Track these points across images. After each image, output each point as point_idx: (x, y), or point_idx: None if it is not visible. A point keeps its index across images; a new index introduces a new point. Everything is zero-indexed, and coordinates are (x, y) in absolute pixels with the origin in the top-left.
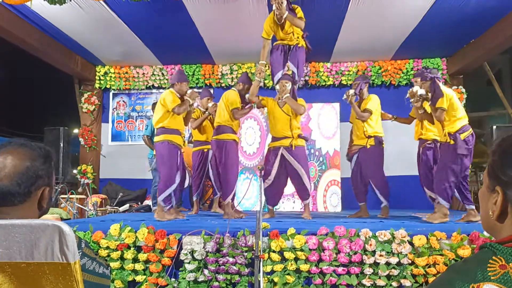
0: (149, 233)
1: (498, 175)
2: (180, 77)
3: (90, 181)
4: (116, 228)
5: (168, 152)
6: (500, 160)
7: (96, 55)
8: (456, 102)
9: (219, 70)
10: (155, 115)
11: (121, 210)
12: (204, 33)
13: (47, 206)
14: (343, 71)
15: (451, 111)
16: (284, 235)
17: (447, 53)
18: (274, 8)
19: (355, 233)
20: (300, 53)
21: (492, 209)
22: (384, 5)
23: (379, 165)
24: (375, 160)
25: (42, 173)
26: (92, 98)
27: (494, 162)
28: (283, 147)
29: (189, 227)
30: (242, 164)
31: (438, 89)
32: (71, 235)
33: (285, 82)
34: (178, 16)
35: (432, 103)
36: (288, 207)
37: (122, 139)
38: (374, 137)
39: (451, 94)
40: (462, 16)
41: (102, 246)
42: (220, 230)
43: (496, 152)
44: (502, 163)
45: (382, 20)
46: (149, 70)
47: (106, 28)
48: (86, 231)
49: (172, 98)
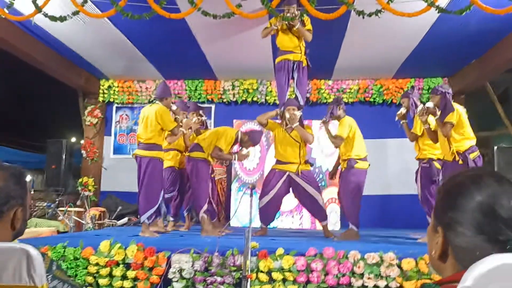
0: (138, 250)
1: (440, 215)
2: (167, 91)
3: (91, 194)
4: (106, 244)
5: (159, 170)
6: (442, 200)
7: (100, 69)
8: (465, 120)
9: (221, 85)
10: (145, 129)
11: (119, 224)
12: (206, 49)
13: (21, 227)
14: (344, 89)
15: (459, 128)
16: (272, 255)
17: (448, 72)
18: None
19: (344, 255)
20: (304, 77)
21: (435, 249)
22: (383, 24)
23: (347, 189)
24: (344, 183)
25: (14, 193)
26: (95, 111)
27: (438, 202)
28: (290, 172)
29: (179, 245)
30: (242, 179)
31: (449, 103)
32: (38, 259)
33: (293, 109)
34: (180, 32)
35: (441, 117)
36: (287, 224)
37: (124, 152)
38: (347, 160)
39: (461, 111)
40: (463, 37)
41: (91, 262)
42: (209, 249)
43: (440, 192)
44: (444, 204)
45: (382, 39)
46: (152, 84)
47: (110, 43)
48: (76, 246)
49: (170, 118)
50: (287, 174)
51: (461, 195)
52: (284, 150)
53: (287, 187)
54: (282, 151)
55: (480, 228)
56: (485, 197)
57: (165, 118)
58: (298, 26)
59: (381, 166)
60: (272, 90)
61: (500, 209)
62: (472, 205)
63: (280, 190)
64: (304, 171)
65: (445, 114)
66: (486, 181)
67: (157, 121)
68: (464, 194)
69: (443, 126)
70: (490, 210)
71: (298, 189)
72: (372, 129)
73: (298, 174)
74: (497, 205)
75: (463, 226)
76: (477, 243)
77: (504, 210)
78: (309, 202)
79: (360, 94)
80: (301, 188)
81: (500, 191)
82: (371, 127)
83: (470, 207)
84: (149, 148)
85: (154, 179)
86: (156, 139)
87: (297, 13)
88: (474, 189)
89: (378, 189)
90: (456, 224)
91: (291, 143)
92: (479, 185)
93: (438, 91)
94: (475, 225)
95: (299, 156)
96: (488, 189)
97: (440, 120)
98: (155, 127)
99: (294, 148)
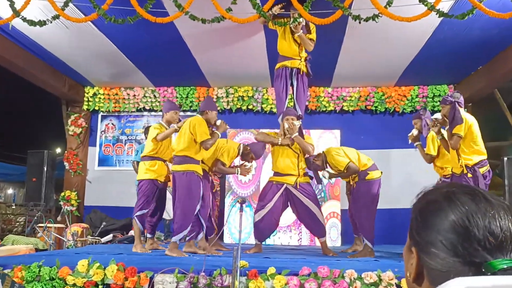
0: (118, 270)
1: (414, 235)
2: (211, 105)
3: (74, 209)
4: (84, 264)
5: (192, 183)
6: (416, 219)
7: (84, 76)
8: (476, 132)
9: (214, 93)
10: (179, 140)
11: (103, 241)
12: (197, 55)
13: None
14: (344, 96)
15: (469, 140)
16: (263, 275)
17: (454, 80)
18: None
19: (340, 274)
20: (303, 85)
21: (410, 271)
22: (382, 29)
23: (360, 203)
24: (357, 197)
25: None
26: (79, 120)
27: (411, 220)
28: (288, 185)
29: (163, 264)
30: (236, 193)
31: (458, 114)
32: None
33: (292, 119)
34: (170, 37)
35: (449, 128)
36: (284, 240)
37: (110, 164)
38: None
39: (472, 122)
40: (467, 43)
41: (68, 283)
42: (195, 268)
43: (413, 210)
44: (417, 223)
45: (382, 45)
46: (140, 92)
47: (96, 49)
48: (53, 266)
49: (205, 130)
50: (285, 186)
51: (433, 214)
52: (282, 162)
53: (285, 200)
54: (280, 162)
55: (454, 250)
56: (459, 216)
57: (199, 129)
58: (300, 33)
59: (384, 179)
60: (268, 98)
61: (474, 228)
62: (445, 225)
63: (277, 204)
64: (302, 183)
65: (453, 126)
66: (460, 198)
67: (189, 131)
68: (436, 212)
69: (451, 138)
70: (464, 230)
71: (296, 203)
72: (374, 139)
73: (296, 186)
74: (471, 225)
75: (436, 247)
76: (451, 266)
77: (479, 229)
78: (307, 217)
79: (361, 102)
80: (299, 202)
81: (475, 209)
82: (373, 137)
83: (443, 227)
84: (182, 161)
85: (189, 194)
86: (188, 151)
87: (301, 21)
88: (447, 207)
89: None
90: (429, 245)
91: (289, 154)
92: (452, 203)
93: (447, 101)
94: (449, 246)
95: (298, 168)
96: (462, 207)
97: (449, 131)
98: (188, 138)
99: (292, 159)
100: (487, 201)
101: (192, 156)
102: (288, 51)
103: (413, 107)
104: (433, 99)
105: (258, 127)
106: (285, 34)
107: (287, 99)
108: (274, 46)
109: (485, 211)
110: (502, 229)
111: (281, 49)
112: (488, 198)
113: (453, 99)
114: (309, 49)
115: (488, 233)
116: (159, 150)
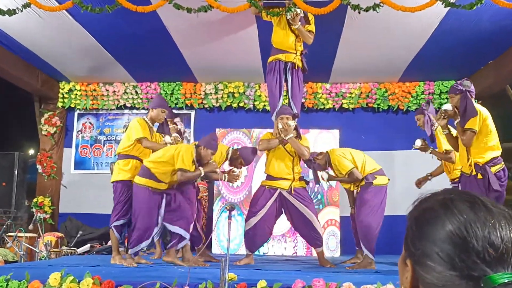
0: (94, 284)
1: (409, 246)
2: (211, 144)
3: (47, 216)
4: (57, 277)
5: (151, 200)
6: (411, 228)
7: (59, 70)
8: (491, 126)
9: (202, 89)
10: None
11: (79, 252)
12: (183, 48)
13: None
14: (344, 93)
15: (482, 136)
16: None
17: (462, 75)
18: (288, 17)
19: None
20: (298, 81)
21: (405, 285)
22: (384, 20)
23: (365, 210)
24: (362, 203)
25: None
26: (53, 119)
27: (406, 230)
28: (281, 190)
29: (143, 277)
30: (225, 198)
31: (471, 105)
32: None
33: (286, 118)
34: (153, 28)
35: (460, 122)
36: (279, 250)
37: (87, 167)
38: (363, 178)
39: (486, 115)
40: (476, 35)
41: None
42: (179, 282)
43: (409, 218)
44: (412, 233)
45: (384, 37)
46: (121, 87)
47: (70, 40)
48: (22, 279)
49: (189, 161)
50: (278, 191)
51: (429, 223)
52: (276, 165)
53: (278, 207)
54: (274, 165)
55: (450, 262)
56: (456, 225)
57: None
58: (299, 26)
59: None
60: (261, 94)
61: (473, 239)
62: (442, 235)
63: (270, 210)
64: (297, 188)
65: (466, 119)
66: (457, 205)
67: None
68: (432, 222)
69: (463, 134)
70: (462, 241)
71: (290, 209)
72: (376, 139)
73: (291, 191)
74: (469, 235)
75: (432, 259)
76: (448, 280)
77: (478, 240)
78: (302, 225)
79: (362, 99)
80: (293, 208)
81: (473, 218)
82: (375, 137)
83: (439, 238)
84: (146, 175)
85: (147, 211)
86: (158, 170)
87: (299, 12)
88: (443, 215)
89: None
90: (424, 257)
91: (283, 157)
92: (449, 211)
93: (458, 89)
94: (445, 258)
95: (293, 172)
96: (459, 215)
97: (461, 126)
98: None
99: (287, 162)
100: (487, 209)
101: (159, 177)
102: (283, 44)
103: (418, 105)
104: (440, 95)
105: (250, 127)
106: (281, 24)
107: (282, 95)
108: (267, 39)
109: (484, 220)
110: (503, 240)
111: (276, 41)
112: (489, 206)
113: (463, 87)
114: (308, 42)
115: (488, 244)
116: (134, 148)
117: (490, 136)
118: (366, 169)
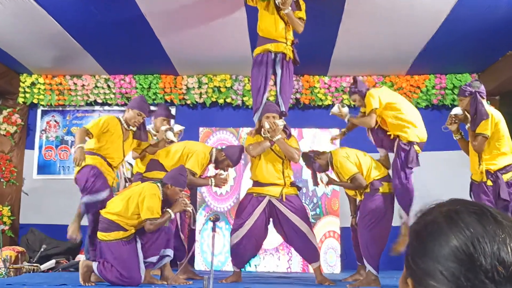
0: None
1: (410, 264)
2: (179, 181)
3: (6, 228)
4: None
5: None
6: (412, 244)
7: (20, 60)
8: (503, 130)
9: (183, 83)
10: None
11: (42, 269)
12: (162, 36)
13: None
14: (344, 87)
15: (494, 141)
16: None
17: (478, 67)
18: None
19: None
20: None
21: None
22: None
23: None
24: (365, 212)
25: None
26: (13, 117)
27: (408, 246)
28: (271, 197)
29: None
30: (210, 207)
31: (481, 107)
32: None
33: (273, 116)
34: (127, 14)
35: (471, 126)
36: (270, 266)
37: (52, 171)
38: (368, 184)
39: (499, 118)
40: (493, 23)
41: None
42: None
43: (410, 233)
44: (413, 249)
45: (389, 25)
46: (91, 81)
47: (33, 27)
48: None
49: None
50: (267, 199)
51: (432, 239)
52: (264, 169)
53: (267, 217)
54: (262, 169)
55: (455, 282)
56: (462, 241)
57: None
58: (288, 11)
59: None
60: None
61: (480, 256)
62: (446, 252)
63: (259, 221)
64: (289, 196)
65: (477, 123)
66: (463, 218)
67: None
68: (435, 237)
69: (474, 139)
70: (468, 258)
71: (281, 220)
72: None
73: (282, 199)
74: (477, 251)
75: (435, 279)
76: None
77: (486, 257)
78: (295, 237)
79: None
80: (284, 219)
81: (481, 232)
82: None
83: (442, 255)
84: (109, 229)
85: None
86: (120, 218)
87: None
88: (448, 230)
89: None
90: (426, 277)
91: (272, 160)
92: (454, 224)
93: (467, 92)
94: (450, 277)
95: (284, 176)
96: (465, 229)
97: (472, 130)
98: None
99: (276, 165)
100: (497, 222)
101: (126, 227)
102: (272, 32)
103: (429, 101)
104: (453, 90)
105: (238, 126)
106: (268, 10)
107: (267, 90)
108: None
109: (494, 235)
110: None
111: (263, 29)
112: (498, 219)
113: (472, 88)
114: (298, 30)
115: (497, 261)
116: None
117: (503, 141)
118: (371, 174)
